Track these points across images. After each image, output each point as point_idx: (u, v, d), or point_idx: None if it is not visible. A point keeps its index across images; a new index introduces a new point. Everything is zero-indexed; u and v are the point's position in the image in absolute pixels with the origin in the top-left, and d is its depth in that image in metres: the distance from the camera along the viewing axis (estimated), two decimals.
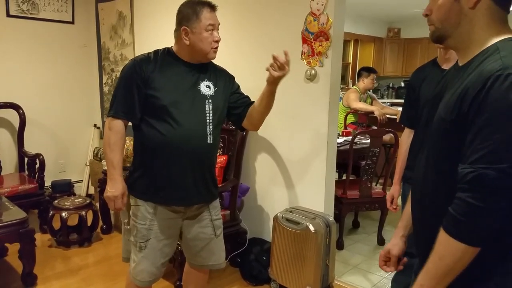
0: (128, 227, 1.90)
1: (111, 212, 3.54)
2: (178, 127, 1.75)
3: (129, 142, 3.20)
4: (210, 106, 1.84)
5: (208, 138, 1.82)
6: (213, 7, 1.80)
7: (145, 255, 1.84)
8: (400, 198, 2.26)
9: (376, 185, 3.86)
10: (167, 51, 1.87)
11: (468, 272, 0.97)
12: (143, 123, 1.80)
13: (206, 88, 1.85)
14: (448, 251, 0.96)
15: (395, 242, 1.31)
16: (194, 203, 1.89)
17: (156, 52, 1.86)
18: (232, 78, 2.03)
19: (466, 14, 1.02)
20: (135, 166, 1.87)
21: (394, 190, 2.23)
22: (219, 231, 2.00)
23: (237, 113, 1.96)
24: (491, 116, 0.90)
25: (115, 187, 1.79)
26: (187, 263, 2.09)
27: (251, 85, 2.98)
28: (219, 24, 1.83)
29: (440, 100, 1.09)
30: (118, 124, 1.79)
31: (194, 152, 1.79)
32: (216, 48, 1.82)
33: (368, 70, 4.65)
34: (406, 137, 2.18)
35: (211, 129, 1.83)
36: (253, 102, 1.99)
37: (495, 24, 1.01)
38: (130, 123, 1.85)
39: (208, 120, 1.83)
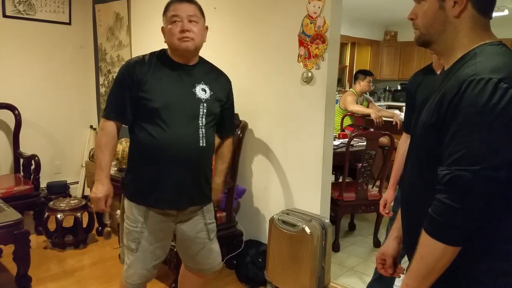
0: (125, 231, 1.88)
1: (107, 214, 3.53)
2: (169, 130, 1.74)
3: (125, 144, 3.19)
4: (204, 110, 1.82)
5: (201, 141, 1.80)
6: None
7: (136, 258, 1.83)
8: (393, 203, 2.25)
9: (372, 187, 3.87)
10: (163, 52, 1.86)
11: (451, 270, 1.00)
12: (136, 125, 1.79)
13: (201, 91, 1.83)
14: (428, 250, 1.00)
15: (389, 244, 1.33)
16: (186, 206, 1.87)
17: (152, 54, 1.85)
18: (229, 85, 2.01)
19: (450, 22, 1.05)
20: (129, 168, 1.87)
21: (388, 195, 2.19)
22: (213, 234, 1.99)
23: (217, 129, 1.98)
24: (464, 120, 0.94)
25: (101, 188, 1.78)
26: (183, 265, 2.08)
27: (247, 86, 3.00)
28: (190, 15, 1.75)
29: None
30: (110, 125, 1.79)
31: (185, 155, 1.77)
32: (184, 37, 1.73)
33: (365, 73, 4.67)
34: (403, 142, 2.17)
35: (204, 132, 1.81)
36: (227, 132, 2.05)
37: (478, 31, 1.05)
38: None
39: (200, 123, 1.81)
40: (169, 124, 1.74)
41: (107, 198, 1.80)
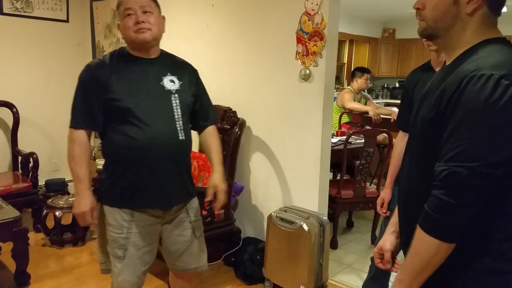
0: (110, 239, 1.79)
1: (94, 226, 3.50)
2: (147, 128, 1.68)
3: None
4: (177, 101, 1.76)
5: (180, 134, 1.76)
6: None
7: (125, 265, 1.76)
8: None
9: (370, 184, 3.88)
10: (122, 50, 1.79)
11: (447, 268, 1.00)
12: (110, 129, 1.72)
13: (170, 83, 1.77)
14: (423, 246, 0.99)
15: (386, 238, 1.32)
16: (173, 203, 1.82)
17: (112, 54, 1.79)
18: (196, 73, 1.93)
19: (461, 18, 1.03)
20: (107, 174, 1.77)
21: (385, 194, 2.17)
22: (199, 232, 1.92)
23: (192, 121, 1.90)
24: (464, 115, 0.93)
25: (83, 203, 1.69)
26: (170, 270, 2.01)
27: (245, 83, 3.00)
28: (144, 6, 1.69)
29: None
30: (81, 134, 1.70)
31: (167, 151, 1.72)
32: (140, 29, 1.67)
33: (362, 70, 4.67)
34: (400, 140, 2.16)
35: (181, 125, 1.76)
36: (208, 120, 1.95)
37: (485, 28, 1.03)
38: None
39: (176, 116, 1.75)
40: (145, 122, 1.68)
41: (92, 211, 1.72)
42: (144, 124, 1.68)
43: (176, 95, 1.77)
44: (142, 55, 1.76)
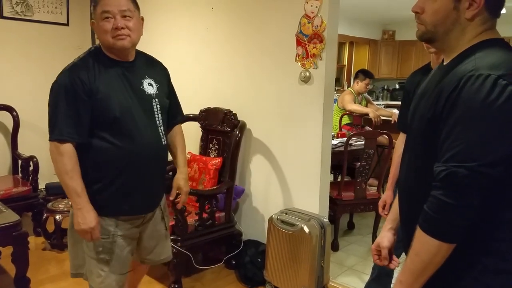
0: (94, 244, 1.74)
1: None
2: (136, 137, 1.64)
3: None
4: (158, 106, 1.73)
5: (163, 139, 1.75)
6: None
7: (112, 268, 1.74)
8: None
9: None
10: (98, 52, 1.68)
11: (448, 268, 0.99)
12: (95, 137, 1.62)
13: (149, 86, 1.72)
14: (423, 247, 0.99)
15: (383, 235, 1.33)
16: (156, 206, 1.85)
17: (87, 56, 1.66)
18: (167, 72, 1.89)
19: (461, 23, 1.03)
20: (90, 181, 1.66)
21: (387, 196, 2.16)
22: (168, 223, 1.96)
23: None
24: (462, 115, 0.93)
25: (89, 217, 1.60)
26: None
27: (245, 86, 3.00)
28: (123, 10, 1.59)
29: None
30: (68, 147, 1.57)
31: (154, 159, 1.72)
32: (119, 35, 1.58)
33: (365, 74, 4.63)
34: (401, 142, 2.14)
35: (162, 130, 1.75)
36: (177, 119, 1.95)
37: (484, 30, 1.04)
38: None
39: (158, 122, 1.73)
40: (133, 130, 1.64)
41: (98, 225, 1.65)
42: (133, 134, 1.64)
43: (156, 99, 1.73)
44: (120, 58, 1.68)
